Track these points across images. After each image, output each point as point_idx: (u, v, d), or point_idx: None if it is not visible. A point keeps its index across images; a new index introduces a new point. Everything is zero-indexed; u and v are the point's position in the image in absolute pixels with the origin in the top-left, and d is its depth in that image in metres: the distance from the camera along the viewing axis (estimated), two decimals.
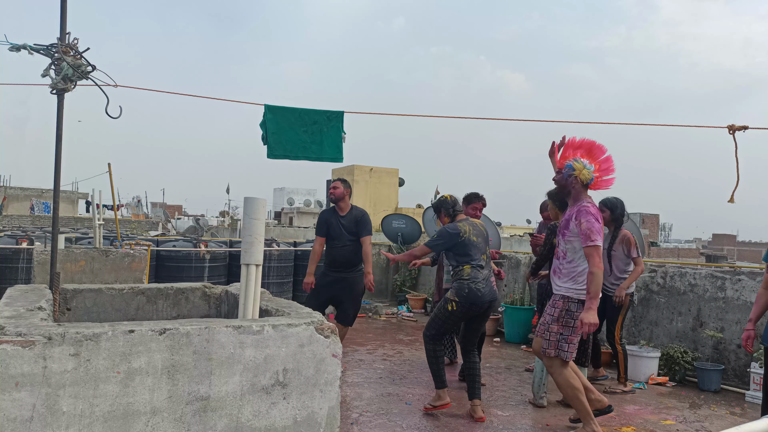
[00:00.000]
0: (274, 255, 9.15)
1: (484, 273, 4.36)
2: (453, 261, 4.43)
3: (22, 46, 2.95)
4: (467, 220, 4.55)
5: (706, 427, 4.37)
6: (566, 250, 3.88)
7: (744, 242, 51.52)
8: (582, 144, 4.02)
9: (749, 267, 6.70)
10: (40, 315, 2.14)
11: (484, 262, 4.39)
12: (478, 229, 4.49)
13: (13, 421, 1.73)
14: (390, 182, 23.30)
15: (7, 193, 30.08)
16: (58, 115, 2.92)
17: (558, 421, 4.36)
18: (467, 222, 4.49)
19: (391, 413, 4.34)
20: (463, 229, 4.38)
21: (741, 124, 4.34)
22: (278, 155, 5.39)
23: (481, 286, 4.28)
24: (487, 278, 4.37)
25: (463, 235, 4.35)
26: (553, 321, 3.85)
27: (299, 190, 39.13)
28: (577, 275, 3.83)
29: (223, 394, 2.00)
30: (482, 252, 4.42)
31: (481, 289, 4.27)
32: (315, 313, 2.38)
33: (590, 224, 3.69)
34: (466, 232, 4.37)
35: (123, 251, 5.33)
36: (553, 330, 3.83)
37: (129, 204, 37.81)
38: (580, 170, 3.82)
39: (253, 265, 2.43)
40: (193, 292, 3.27)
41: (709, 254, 29.88)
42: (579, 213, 3.77)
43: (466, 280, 4.27)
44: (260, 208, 2.45)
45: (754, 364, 5.13)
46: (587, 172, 3.83)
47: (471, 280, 4.26)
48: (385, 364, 5.93)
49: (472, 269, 4.30)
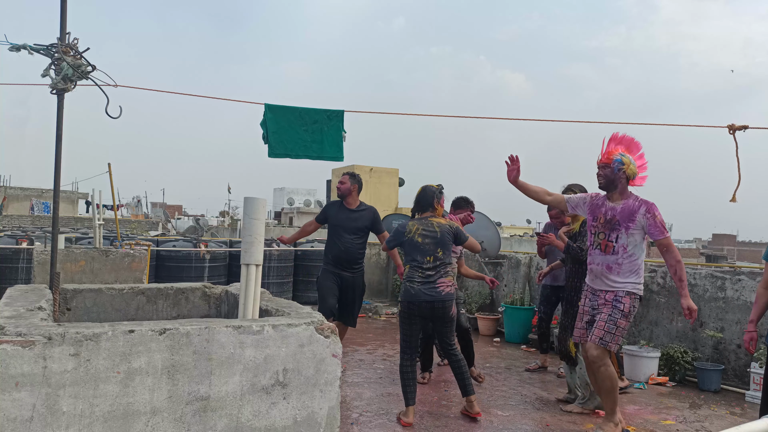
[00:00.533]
0: (274, 255, 9.15)
1: (426, 274, 4.21)
2: (404, 257, 4.45)
3: (22, 46, 2.95)
4: (423, 219, 4.40)
5: (706, 427, 4.37)
6: (627, 243, 3.86)
7: (744, 242, 51.51)
8: (623, 139, 4.04)
9: (749, 267, 6.70)
10: (40, 315, 2.14)
11: (428, 264, 4.23)
12: (431, 230, 4.30)
13: (13, 421, 1.73)
14: (390, 182, 23.28)
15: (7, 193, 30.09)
16: (58, 115, 2.93)
17: (558, 420, 4.36)
18: (421, 221, 4.38)
19: (391, 413, 4.34)
20: (409, 228, 4.35)
21: (741, 123, 4.34)
22: (279, 154, 5.40)
23: (416, 285, 4.20)
24: (429, 279, 4.20)
25: (408, 234, 4.33)
26: (622, 317, 3.84)
27: (299, 190, 39.12)
28: (638, 269, 3.90)
29: (223, 394, 2.00)
30: (428, 254, 4.24)
31: (415, 287, 4.19)
32: (315, 313, 2.38)
33: (657, 217, 3.81)
34: (411, 231, 4.33)
35: (123, 251, 5.33)
36: (621, 325, 3.84)
37: (129, 204, 37.81)
38: (629, 164, 3.89)
39: (253, 265, 2.43)
40: (193, 292, 3.27)
41: (709, 254, 29.84)
42: (650, 207, 3.84)
43: (404, 279, 4.31)
44: (260, 208, 2.45)
45: (754, 364, 5.13)
46: (634, 167, 3.90)
47: (407, 279, 4.26)
48: (385, 364, 5.93)
49: (410, 269, 4.28)
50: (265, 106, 5.31)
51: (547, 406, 4.72)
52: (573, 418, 4.42)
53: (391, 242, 4.56)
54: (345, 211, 5.28)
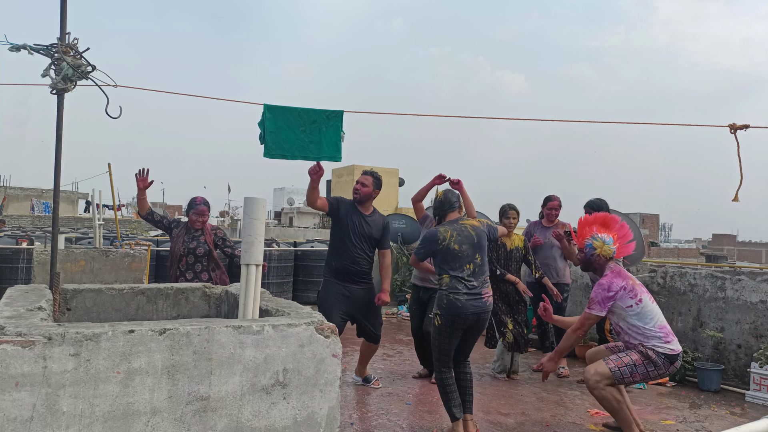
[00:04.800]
0: (274, 255, 9.14)
1: (469, 284, 3.85)
2: (436, 268, 4.01)
3: (22, 46, 2.95)
4: (455, 222, 4.02)
5: (706, 427, 4.37)
6: (618, 322, 3.97)
7: (744, 242, 51.46)
8: (596, 219, 4.15)
9: (749, 267, 6.70)
10: (40, 315, 2.14)
11: (468, 272, 3.86)
12: (466, 234, 3.94)
13: (13, 421, 1.73)
14: (390, 182, 23.24)
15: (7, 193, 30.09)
16: (58, 115, 2.92)
17: (558, 421, 4.36)
18: (452, 225, 3.98)
19: (391, 413, 4.34)
20: (442, 235, 3.92)
21: (741, 123, 4.34)
22: (275, 155, 5.27)
23: (461, 297, 3.81)
24: (474, 290, 3.86)
25: (442, 242, 3.90)
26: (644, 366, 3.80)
27: (299, 190, 39.10)
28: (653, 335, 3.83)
29: (223, 394, 2.00)
30: (467, 261, 3.88)
31: (461, 300, 3.80)
32: (315, 313, 2.38)
33: (596, 294, 3.92)
34: (446, 238, 3.90)
35: (123, 251, 5.33)
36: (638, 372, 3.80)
37: (129, 204, 37.78)
38: (600, 247, 4.01)
39: (253, 265, 2.43)
40: (193, 292, 3.27)
41: (709, 254, 29.85)
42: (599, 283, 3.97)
43: (444, 290, 3.87)
44: (260, 208, 2.45)
45: (754, 364, 5.13)
46: (607, 248, 4.00)
47: (449, 291, 3.83)
48: (385, 364, 5.93)
49: (451, 279, 3.85)
50: (263, 106, 5.29)
51: (547, 406, 4.71)
52: (573, 418, 4.42)
53: (421, 253, 4.09)
54: (359, 215, 4.65)
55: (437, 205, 4.14)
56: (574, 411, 4.59)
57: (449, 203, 4.09)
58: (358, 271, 4.60)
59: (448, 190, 4.24)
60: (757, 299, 5.43)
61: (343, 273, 4.59)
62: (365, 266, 4.65)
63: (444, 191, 4.19)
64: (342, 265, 4.59)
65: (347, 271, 4.58)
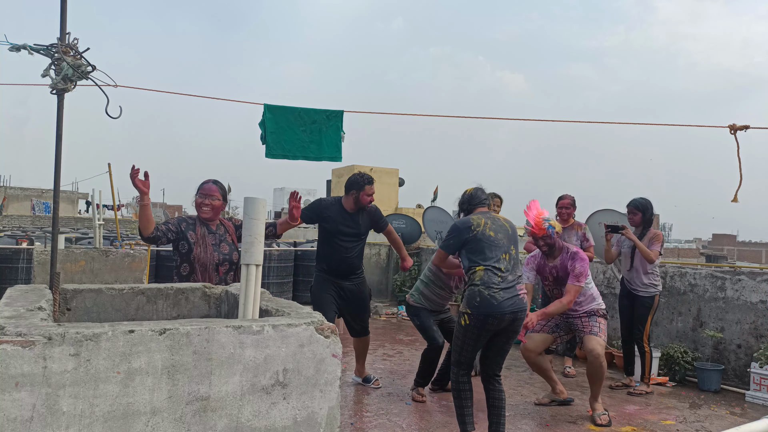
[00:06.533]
0: (274, 255, 9.15)
1: (505, 277, 3.49)
2: (465, 261, 3.63)
3: (22, 46, 2.95)
4: (486, 213, 3.74)
5: (706, 427, 4.37)
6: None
7: (744, 242, 51.48)
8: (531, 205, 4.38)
9: (749, 267, 6.70)
10: (40, 315, 2.14)
11: (505, 263, 3.51)
12: (500, 224, 3.66)
13: (13, 421, 1.73)
14: (390, 182, 23.24)
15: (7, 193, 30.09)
16: (58, 115, 2.92)
17: (558, 421, 4.36)
18: (485, 215, 3.69)
19: (391, 413, 4.34)
20: (476, 222, 3.60)
21: (741, 123, 4.34)
22: (277, 155, 5.32)
23: (497, 293, 3.42)
24: (510, 285, 3.50)
25: (475, 228, 3.56)
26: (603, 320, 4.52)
27: (299, 190, 38.99)
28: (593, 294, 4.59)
29: (223, 394, 2.00)
30: (503, 251, 3.54)
31: (497, 296, 3.41)
32: (315, 313, 2.38)
33: (582, 267, 4.28)
34: (480, 225, 3.57)
35: (123, 251, 5.34)
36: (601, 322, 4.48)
37: (129, 204, 37.77)
38: (556, 225, 4.32)
39: (253, 265, 2.43)
40: (193, 292, 3.27)
41: (709, 254, 29.86)
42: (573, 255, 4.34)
43: (477, 285, 3.45)
44: (260, 208, 2.44)
45: (754, 364, 5.13)
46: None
47: (484, 286, 3.43)
48: (385, 364, 5.93)
49: (485, 272, 3.46)
50: (264, 106, 5.30)
51: (547, 406, 4.71)
52: (573, 418, 4.42)
53: (450, 245, 3.72)
54: (345, 214, 4.62)
55: (465, 200, 3.86)
56: (575, 411, 4.59)
57: (479, 199, 3.83)
58: (347, 269, 4.69)
59: (478, 187, 3.94)
60: (757, 299, 5.43)
61: (336, 271, 4.69)
62: (354, 262, 4.71)
63: (474, 188, 3.92)
64: (334, 264, 4.68)
65: (339, 269, 4.69)
